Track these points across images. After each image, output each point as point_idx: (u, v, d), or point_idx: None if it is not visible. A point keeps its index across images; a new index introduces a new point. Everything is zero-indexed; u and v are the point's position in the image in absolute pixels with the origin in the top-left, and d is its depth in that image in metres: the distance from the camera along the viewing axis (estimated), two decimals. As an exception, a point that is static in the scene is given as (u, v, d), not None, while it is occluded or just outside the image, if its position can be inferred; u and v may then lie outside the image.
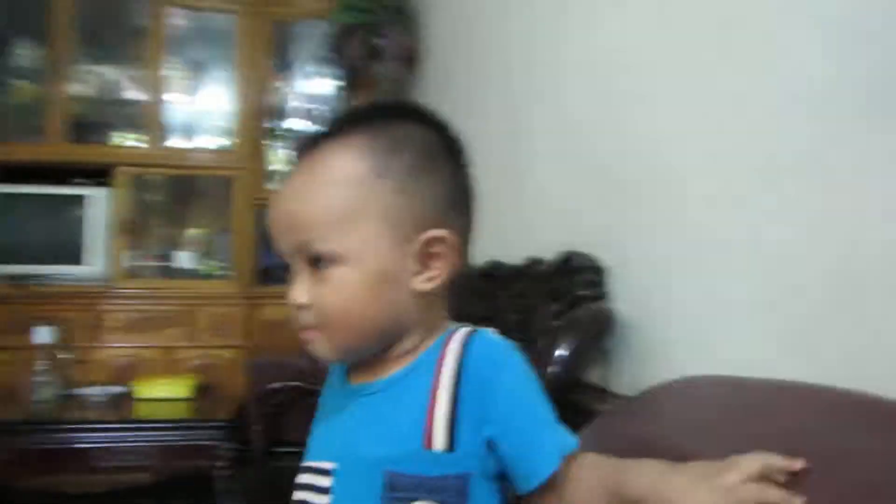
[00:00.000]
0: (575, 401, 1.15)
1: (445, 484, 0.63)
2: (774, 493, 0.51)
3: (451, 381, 0.65)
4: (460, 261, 0.70)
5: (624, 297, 1.13)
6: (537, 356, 1.12)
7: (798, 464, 0.52)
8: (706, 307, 0.90)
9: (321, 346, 0.69)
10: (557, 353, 1.07)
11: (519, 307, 1.47)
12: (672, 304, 0.98)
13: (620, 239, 1.16)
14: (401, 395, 0.67)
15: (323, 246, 0.66)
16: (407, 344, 0.69)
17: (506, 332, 1.46)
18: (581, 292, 1.19)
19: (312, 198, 0.67)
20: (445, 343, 0.68)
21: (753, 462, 0.52)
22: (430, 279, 0.68)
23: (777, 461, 0.52)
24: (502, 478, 0.66)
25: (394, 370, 0.69)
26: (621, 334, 1.12)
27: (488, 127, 1.99)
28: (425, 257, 0.68)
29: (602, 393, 1.16)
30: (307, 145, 0.70)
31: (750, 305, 0.80)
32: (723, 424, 0.63)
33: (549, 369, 1.08)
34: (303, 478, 0.70)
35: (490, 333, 0.70)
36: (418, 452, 0.64)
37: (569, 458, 0.63)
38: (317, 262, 0.67)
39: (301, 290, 0.68)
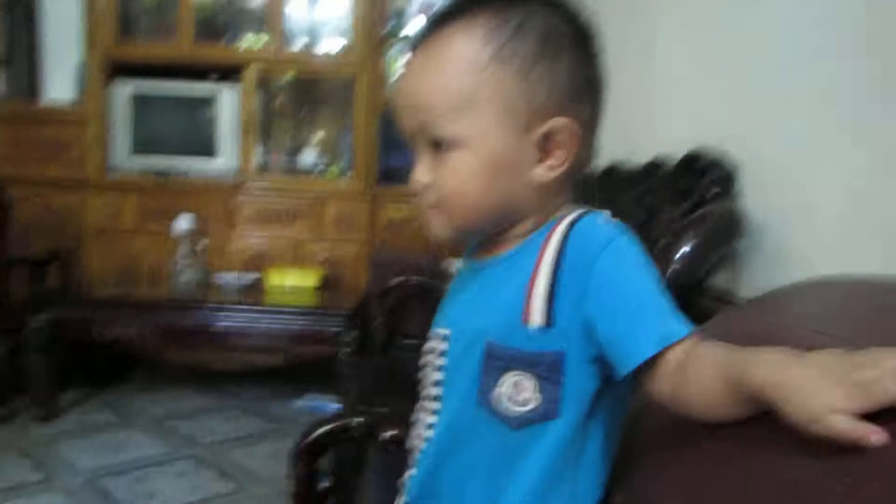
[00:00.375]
0: (700, 305, 1.14)
1: (540, 359, 0.65)
2: None
3: (553, 258, 0.66)
4: (583, 151, 0.70)
5: (755, 197, 1.09)
6: (659, 257, 1.11)
7: None
8: (848, 207, 0.85)
9: (438, 225, 0.71)
10: (679, 252, 1.05)
11: (642, 209, 1.45)
12: (809, 204, 0.94)
13: (752, 134, 1.11)
14: (508, 271, 0.69)
15: (442, 130, 0.67)
16: (525, 226, 0.71)
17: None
18: (708, 192, 1.16)
19: (433, 79, 0.68)
20: (557, 224, 0.69)
21: (891, 354, 0.45)
22: (550, 168, 0.68)
23: None
24: (603, 362, 0.65)
25: (509, 249, 0.71)
26: (752, 236, 1.08)
27: (611, 16, 1.91)
28: (546, 146, 0.68)
29: (730, 298, 1.13)
30: (433, 23, 0.70)
31: (896, 206, 0.75)
32: (857, 322, 0.60)
33: (670, 269, 1.06)
34: (429, 343, 0.75)
35: (600, 215, 0.69)
36: (516, 326, 0.66)
37: (680, 346, 0.60)
38: (437, 144, 0.68)
39: (422, 170, 0.70)
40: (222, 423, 2.83)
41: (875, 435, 0.43)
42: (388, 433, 1.22)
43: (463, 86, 0.66)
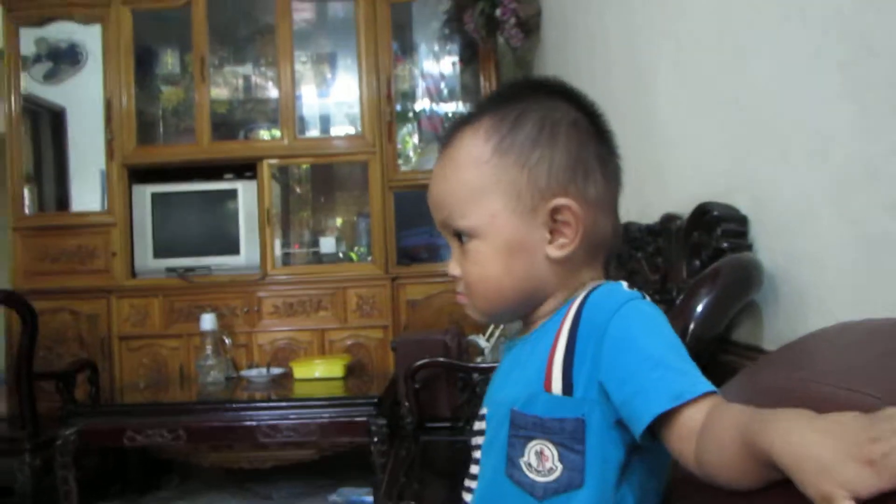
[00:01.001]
0: (724, 361, 1.09)
1: (562, 426, 0.66)
2: None
3: (570, 328, 0.69)
4: (597, 226, 0.74)
5: (768, 246, 1.05)
6: (676, 314, 1.07)
7: None
8: (862, 247, 0.82)
9: (472, 311, 0.77)
10: (695, 308, 1.01)
11: (657, 266, 1.42)
12: (820, 249, 0.90)
13: (758, 183, 1.08)
14: (535, 346, 0.72)
15: (459, 222, 0.74)
16: (552, 305, 0.74)
17: (644, 292, 1.42)
18: (722, 244, 1.12)
19: (447, 179, 0.75)
20: (577, 298, 0.72)
21: None
22: (561, 246, 0.72)
23: None
24: (625, 427, 0.64)
25: (539, 325, 0.75)
26: (768, 286, 1.04)
27: (611, 84, 1.92)
28: (553, 225, 0.72)
29: (755, 351, 1.08)
30: (449, 132, 0.78)
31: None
32: (881, 369, 0.56)
33: (690, 326, 1.02)
34: (476, 424, 0.78)
35: (618, 284, 0.72)
36: (538, 394, 0.68)
37: (699, 405, 0.58)
38: (460, 237, 0.75)
39: (454, 264, 0.77)
40: (257, 524, 2.76)
41: None
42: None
43: (470, 180, 0.73)
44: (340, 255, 3.67)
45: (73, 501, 2.67)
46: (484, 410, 0.77)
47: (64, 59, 3.61)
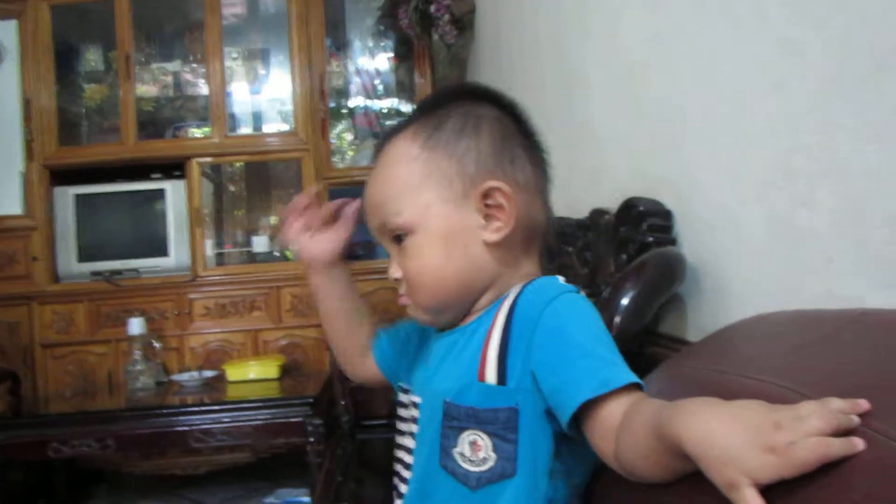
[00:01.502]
0: (651, 353, 1.11)
1: (496, 416, 0.67)
2: (837, 444, 0.41)
3: (505, 319, 0.70)
4: (530, 211, 0.75)
5: (691, 240, 1.07)
6: (604, 308, 1.08)
7: (863, 405, 0.43)
8: (779, 241, 0.84)
9: (415, 310, 0.77)
10: (621, 302, 1.02)
11: (586, 260, 1.43)
12: (743, 243, 0.92)
13: (683, 179, 1.10)
14: (470, 337, 0.73)
15: (394, 220, 0.74)
16: (489, 297, 0.75)
17: (575, 286, 1.43)
18: (648, 238, 1.14)
19: (380, 182, 0.77)
20: (513, 291, 0.73)
21: (813, 411, 0.43)
22: (497, 230, 0.73)
23: (838, 404, 0.43)
24: (554, 415, 0.65)
25: (475, 318, 0.75)
26: (692, 279, 1.06)
27: (543, 81, 1.94)
28: (487, 210, 0.73)
29: (679, 342, 1.11)
30: (380, 144, 0.80)
31: (832, 235, 0.74)
32: (795, 360, 0.58)
33: (616, 320, 1.03)
34: (407, 407, 0.79)
35: (554, 278, 0.74)
36: (472, 385, 0.69)
37: (621, 399, 0.59)
38: (397, 238, 0.75)
39: (394, 267, 0.77)
40: (190, 532, 2.69)
41: None
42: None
43: (401, 177, 0.74)
44: (275, 253, 3.61)
45: (-5, 516, 2.56)
46: (416, 399, 0.77)
47: (-22, 56, 3.45)
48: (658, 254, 1.06)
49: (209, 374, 3.10)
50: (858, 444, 0.41)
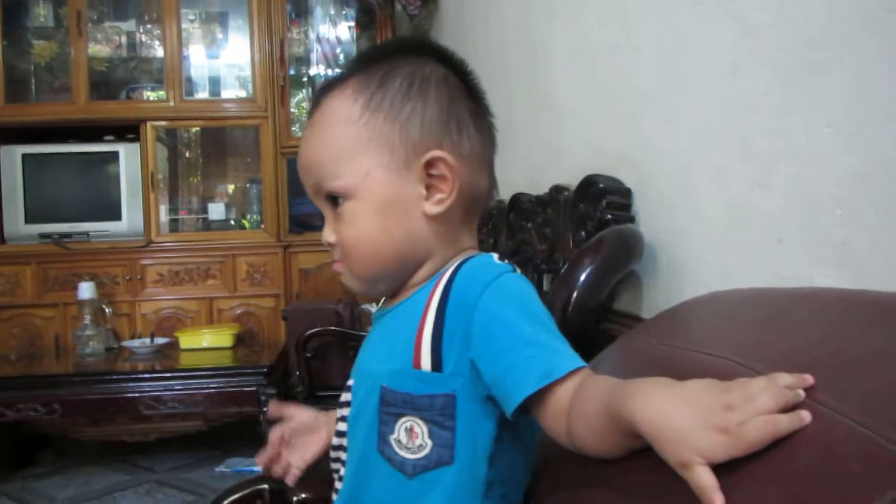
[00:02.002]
0: (606, 329, 1.13)
1: (432, 403, 0.65)
2: (785, 421, 0.43)
3: (438, 303, 0.67)
4: (473, 183, 0.72)
5: (649, 218, 1.09)
6: (561, 284, 1.10)
7: (808, 379, 0.44)
8: (734, 222, 0.86)
9: (349, 279, 0.73)
10: (578, 278, 1.04)
11: (545, 236, 1.45)
12: (699, 222, 0.94)
13: (643, 157, 1.11)
14: (403, 318, 0.70)
15: (331, 184, 0.70)
16: (425, 272, 0.72)
17: (534, 263, 1.44)
18: (607, 216, 1.16)
19: (317, 142, 0.72)
20: (447, 269, 0.70)
21: (762, 388, 0.44)
22: (438, 202, 0.70)
23: (786, 379, 0.45)
24: (495, 401, 0.64)
25: (409, 294, 0.72)
26: (649, 257, 1.08)
27: (506, 57, 1.94)
28: (429, 180, 0.70)
29: (634, 319, 1.13)
30: (316, 97, 0.75)
31: (784, 216, 0.76)
32: (746, 336, 0.60)
33: (573, 295, 1.05)
34: (342, 396, 0.76)
35: (485, 256, 0.70)
36: (408, 371, 0.67)
37: (568, 382, 0.59)
38: (334, 201, 0.71)
39: (328, 230, 0.73)
40: (137, 499, 2.67)
41: None
42: (300, 497, 1.16)
43: (340, 140, 0.70)
44: (232, 221, 3.57)
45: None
46: (349, 382, 0.75)
47: (-80, 5, 3.31)
48: (616, 231, 1.08)
49: (161, 341, 3.06)
50: (805, 417, 0.42)
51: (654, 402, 0.48)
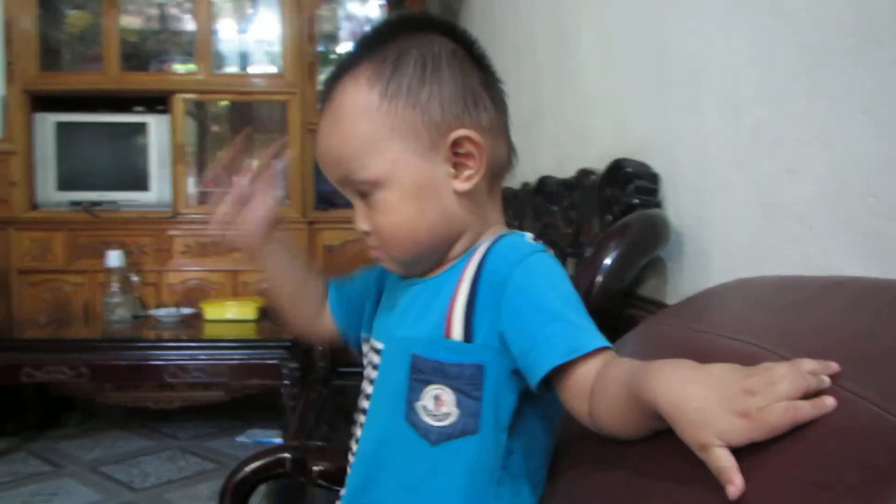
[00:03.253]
0: (629, 314, 1.13)
1: (461, 372, 0.67)
2: (807, 408, 0.43)
3: (472, 276, 0.69)
4: (497, 153, 0.74)
5: (677, 204, 1.08)
6: (585, 268, 1.10)
7: (833, 366, 0.45)
8: (763, 208, 0.85)
9: (389, 263, 0.75)
10: (603, 262, 1.04)
11: (571, 220, 1.45)
12: (727, 208, 0.94)
13: (672, 142, 1.11)
14: (438, 289, 0.72)
15: (360, 175, 0.71)
16: (460, 247, 0.74)
17: (559, 246, 1.44)
18: (633, 200, 1.15)
19: (336, 135, 0.72)
20: (481, 245, 0.72)
21: (784, 374, 0.44)
22: (468, 179, 0.71)
23: (810, 365, 0.45)
24: (521, 375, 0.66)
25: (445, 268, 0.74)
26: (675, 242, 1.07)
27: (535, 39, 1.93)
28: (456, 158, 0.71)
29: (658, 306, 1.13)
30: (329, 82, 0.75)
31: (815, 203, 0.75)
32: (773, 322, 0.60)
33: (597, 279, 1.05)
34: (366, 355, 0.78)
35: (519, 235, 0.73)
36: (438, 340, 0.68)
37: (592, 361, 0.60)
38: (362, 191, 0.72)
39: (361, 219, 0.74)
40: (161, 464, 2.73)
41: (732, 486, 0.43)
42: (320, 467, 1.18)
43: (363, 131, 0.70)
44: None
45: (-35, 438, 2.57)
46: (379, 345, 0.75)
47: (-42, -27, 3.35)
48: (643, 215, 1.08)
49: (186, 311, 3.10)
50: (829, 403, 0.43)
51: (676, 384, 0.48)
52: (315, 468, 1.15)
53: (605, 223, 1.23)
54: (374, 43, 0.73)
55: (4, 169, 3.28)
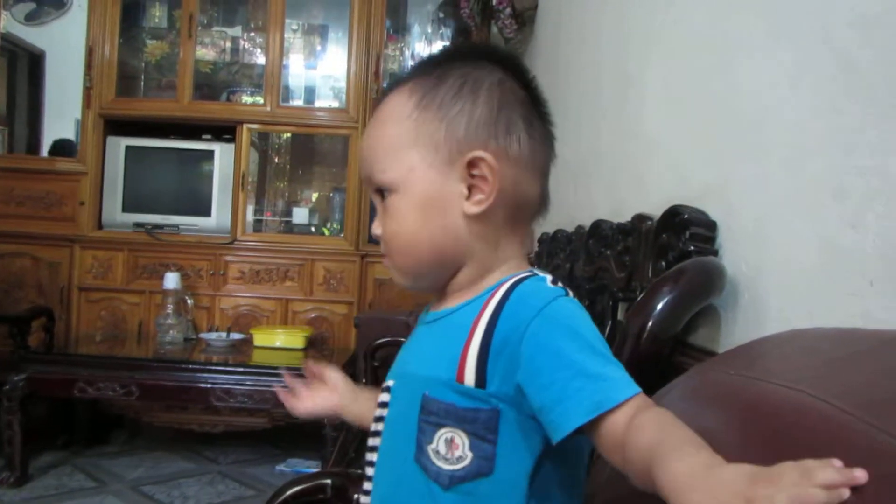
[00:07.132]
0: (680, 362, 1.11)
1: (475, 416, 0.65)
2: None
3: (488, 321, 0.67)
4: (516, 187, 0.71)
5: (733, 252, 1.07)
6: (636, 312, 1.08)
7: (859, 478, 0.41)
8: (823, 260, 0.83)
9: (393, 272, 0.75)
10: (655, 307, 1.02)
11: (624, 265, 1.43)
12: (784, 259, 0.92)
13: (730, 190, 1.09)
14: (452, 326, 0.70)
15: (379, 177, 0.72)
16: (467, 274, 0.72)
17: (610, 290, 1.42)
18: (689, 247, 1.14)
19: (373, 135, 0.75)
20: (501, 285, 0.69)
21: (790, 481, 0.41)
22: (478, 202, 0.70)
23: (826, 475, 0.41)
24: None
25: (457, 302, 0.72)
26: (730, 291, 1.05)
27: (599, 83, 1.94)
28: (471, 180, 0.70)
29: (709, 354, 1.10)
30: (382, 94, 0.78)
31: (877, 258, 0.73)
32: (825, 371, 0.58)
33: (648, 324, 1.03)
34: (380, 395, 0.76)
35: (539, 281, 0.69)
36: (451, 383, 0.66)
37: (621, 411, 0.58)
38: (381, 194, 0.73)
39: (377, 223, 0.75)
40: (200, 488, 2.74)
41: None
42: (360, 494, 1.17)
43: (391, 135, 0.72)
44: (312, 227, 3.65)
45: (17, 447, 2.63)
46: (388, 383, 0.74)
47: (48, 1, 3.54)
48: (698, 261, 1.06)
49: (237, 336, 3.15)
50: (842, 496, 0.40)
51: (686, 485, 0.47)
52: (357, 496, 1.15)
53: (659, 269, 1.21)
54: (429, 62, 0.76)
55: (75, 189, 3.41)
